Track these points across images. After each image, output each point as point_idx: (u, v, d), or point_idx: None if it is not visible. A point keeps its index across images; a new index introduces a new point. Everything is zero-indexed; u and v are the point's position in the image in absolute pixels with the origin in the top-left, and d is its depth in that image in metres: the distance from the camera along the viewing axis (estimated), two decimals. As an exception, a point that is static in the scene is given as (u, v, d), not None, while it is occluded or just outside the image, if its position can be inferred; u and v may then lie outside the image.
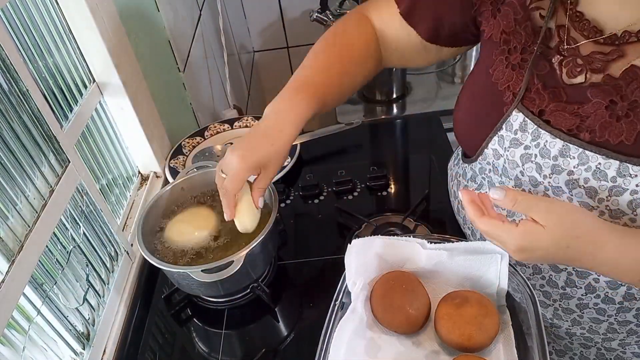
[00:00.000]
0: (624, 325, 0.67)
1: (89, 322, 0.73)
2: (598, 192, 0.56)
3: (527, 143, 0.60)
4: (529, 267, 0.69)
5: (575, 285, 0.65)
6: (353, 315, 0.62)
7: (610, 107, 0.55)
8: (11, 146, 0.60)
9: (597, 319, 0.67)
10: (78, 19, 0.79)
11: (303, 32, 2.01)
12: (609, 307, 0.65)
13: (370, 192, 0.97)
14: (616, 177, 0.55)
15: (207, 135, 1.13)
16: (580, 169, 0.57)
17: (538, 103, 0.59)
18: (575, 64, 0.57)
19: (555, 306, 0.69)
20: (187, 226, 0.78)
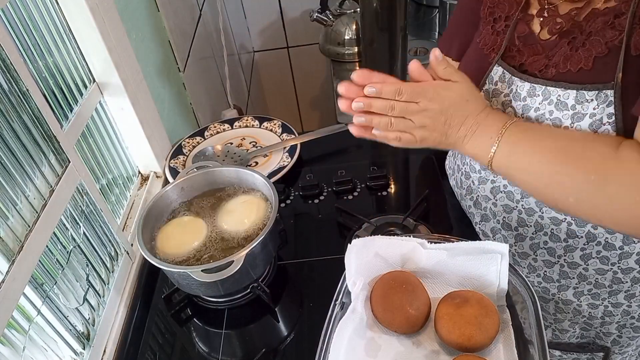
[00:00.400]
0: (627, 273, 0.70)
1: (89, 322, 0.73)
2: (562, 121, 0.62)
3: (505, 91, 0.68)
4: (530, 226, 0.72)
5: (576, 235, 0.69)
6: (353, 315, 0.62)
7: (571, 42, 0.62)
8: (11, 146, 0.60)
9: (601, 269, 0.71)
10: (78, 19, 0.79)
11: (303, 32, 2.01)
12: (612, 254, 0.69)
13: (370, 192, 0.97)
14: (575, 105, 0.61)
15: (207, 135, 1.13)
16: (544, 104, 0.64)
17: (518, 58, 0.67)
18: (554, 23, 0.64)
19: (561, 262, 0.72)
20: (177, 236, 0.78)
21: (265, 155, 1.06)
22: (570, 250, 0.71)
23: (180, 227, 0.80)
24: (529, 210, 0.71)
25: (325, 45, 1.64)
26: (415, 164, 1.06)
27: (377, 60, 1.33)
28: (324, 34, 1.64)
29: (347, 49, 1.60)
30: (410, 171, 1.05)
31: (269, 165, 1.03)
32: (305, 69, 2.14)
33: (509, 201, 0.73)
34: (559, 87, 0.62)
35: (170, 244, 0.77)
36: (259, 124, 1.15)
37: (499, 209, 0.73)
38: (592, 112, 0.60)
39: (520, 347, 0.59)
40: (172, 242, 0.77)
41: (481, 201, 0.78)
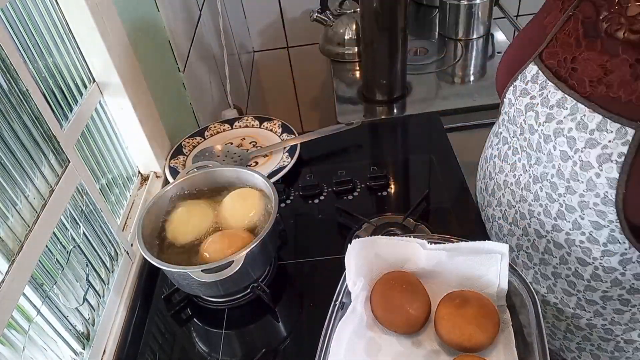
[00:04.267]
0: (591, 304, 0.71)
1: (89, 322, 0.73)
2: (577, 142, 0.60)
3: (533, 93, 0.65)
4: (520, 228, 0.73)
5: (551, 253, 0.70)
6: (353, 315, 0.62)
7: (634, 66, 0.55)
8: (11, 146, 0.60)
9: (568, 292, 0.72)
10: (78, 19, 0.79)
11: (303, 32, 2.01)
12: (578, 282, 0.69)
13: (370, 192, 0.97)
14: (594, 131, 0.58)
15: (207, 135, 1.13)
16: (568, 118, 0.61)
17: (574, 49, 0.61)
18: (617, 22, 0.58)
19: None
20: (187, 220, 0.79)
21: (265, 155, 1.06)
22: (544, 264, 0.73)
23: (187, 211, 0.81)
24: (522, 215, 0.72)
25: (325, 45, 1.64)
26: (415, 164, 1.06)
27: (377, 60, 1.33)
28: (324, 34, 1.64)
29: (347, 49, 1.60)
30: (410, 171, 1.05)
31: (269, 165, 1.03)
32: (305, 69, 2.14)
33: (510, 198, 0.73)
34: (589, 107, 0.58)
35: (180, 229, 0.78)
36: (259, 124, 1.15)
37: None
38: (606, 144, 0.57)
39: (520, 347, 0.59)
40: (182, 227, 0.78)
41: (496, 189, 0.78)
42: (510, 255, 0.77)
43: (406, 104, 1.40)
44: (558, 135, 0.62)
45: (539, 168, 0.67)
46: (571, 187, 0.62)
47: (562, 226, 0.67)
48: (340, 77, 1.56)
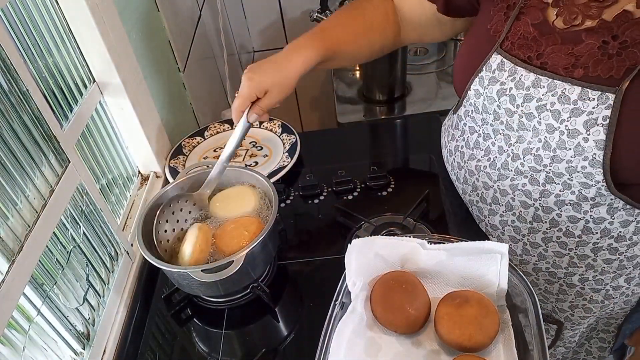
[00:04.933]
0: (583, 259, 0.74)
1: (89, 322, 0.73)
2: (561, 114, 0.64)
3: (503, 80, 0.69)
4: (502, 205, 0.76)
5: (540, 220, 0.73)
6: (353, 315, 0.62)
7: (602, 47, 0.61)
8: (11, 146, 0.60)
9: (559, 253, 0.75)
10: (78, 19, 0.79)
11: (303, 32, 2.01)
12: (570, 241, 0.72)
13: (370, 192, 0.97)
14: (577, 101, 0.62)
15: (207, 135, 1.13)
16: (548, 95, 0.65)
17: (535, 48, 0.66)
18: (570, 12, 0.64)
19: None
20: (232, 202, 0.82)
21: (265, 155, 1.06)
22: (533, 232, 0.75)
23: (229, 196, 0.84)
24: (503, 192, 0.75)
25: (325, 45, 1.64)
26: (415, 164, 1.06)
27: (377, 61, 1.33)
28: (324, 34, 1.64)
29: (347, 49, 1.60)
30: (410, 171, 1.05)
31: (269, 165, 1.03)
32: (305, 69, 2.14)
33: (487, 180, 0.76)
34: (567, 82, 0.63)
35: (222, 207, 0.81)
36: (258, 123, 1.15)
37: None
38: (591, 110, 0.61)
39: (520, 347, 0.59)
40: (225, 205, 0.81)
41: (467, 176, 0.81)
42: (496, 233, 0.81)
43: (406, 104, 1.40)
44: (541, 110, 0.65)
45: (521, 145, 0.70)
46: (557, 156, 0.66)
47: (551, 190, 0.70)
48: (340, 77, 1.56)
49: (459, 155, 0.82)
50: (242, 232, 0.75)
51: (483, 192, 0.78)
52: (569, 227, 0.72)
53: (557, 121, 0.64)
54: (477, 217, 0.85)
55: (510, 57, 0.68)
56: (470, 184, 0.81)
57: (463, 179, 0.82)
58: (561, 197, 0.69)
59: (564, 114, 0.64)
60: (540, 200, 0.71)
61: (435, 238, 0.68)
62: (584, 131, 0.62)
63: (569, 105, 0.63)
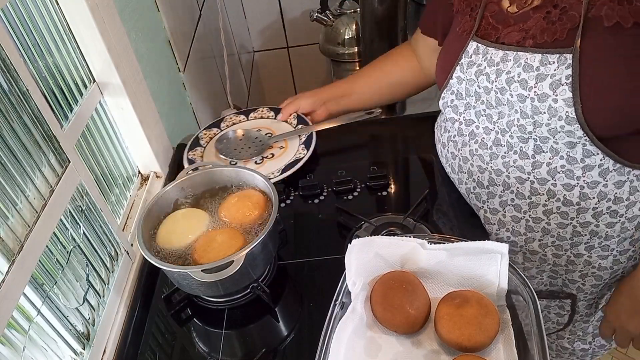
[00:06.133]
0: (585, 226, 0.77)
1: (89, 322, 0.73)
2: (528, 82, 0.70)
3: (479, 62, 0.76)
4: (499, 185, 0.80)
5: (538, 192, 0.77)
6: (353, 315, 0.62)
7: (546, 17, 0.69)
8: (11, 146, 0.60)
9: (562, 224, 0.78)
10: (78, 19, 0.79)
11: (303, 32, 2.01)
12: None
13: (370, 192, 0.97)
14: (539, 67, 0.69)
15: (223, 126, 1.14)
16: (514, 67, 0.71)
17: (494, 34, 0.75)
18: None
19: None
20: (178, 229, 0.78)
21: (281, 147, 1.07)
22: (534, 207, 0.78)
23: (181, 218, 0.80)
24: (498, 171, 0.79)
25: (325, 45, 1.64)
26: (415, 164, 1.06)
27: (377, 60, 1.33)
28: (324, 34, 1.64)
29: (347, 49, 1.60)
30: (410, 171, 1.05)
31: (285, 157, 1.04)
32: (305, 69, 2.14)
33: (481, 163, 0.81)
34: (528, 51, 0.70)
35: (171, 237, 0.77)
36: (274, 115, 1.16)
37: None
38: (553, 72, 0.67)
39: (520, 347, 0.59)
40: (173, 235, 0.77)
41: (462, 164, 0.86)
42: (496, 218, 0.84)
43: (406, 104, 1.40)
44: (510, 82, 0.72)
45: (504, 120, 0.75)
46: (537, 121, 0.71)
47: (541, 160, 0.74)
48: (340, 77, 1.56)
49: (452, 145, 0.87)
50: (246, 203, 0.79)
51: (478, 176, 0.83)
52: (566, 196, 0.75)
53: (526, 89, 0.70)
54: (476, 206, 0.87)
55: (482, 41, 0.76)
56: (465, 171, 0.85)
57: (458, 167, 0.86)
58: (552, 164, 0.73)
59: (530, 81, 0.69)
60: (534, 172, 0.75)
61: (435, 238, 0.68)
62: (552, 93, 0.68)
63: (533, 73, 0.69)
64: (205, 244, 0.74)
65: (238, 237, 0.75)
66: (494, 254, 0.63)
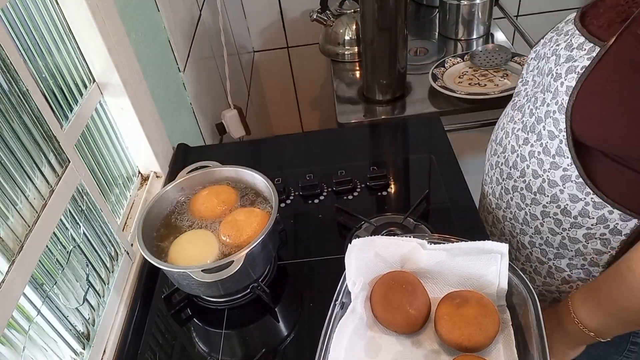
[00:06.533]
0: (533, 219, 0.79)
1: (89, 322, 0.73)
2: (560, 58, 0.70)
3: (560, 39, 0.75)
4: (518, 170, 0.80)
5: (517, 167, 0.78)
6: (353, 315, 0.62)
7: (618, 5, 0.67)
8: (11, 146, 0.60)
9: (519, 205, 0.80)
10: (78, 19, 0.79)
11: (303, 32, 2.01)
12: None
13: (370, 192, 0.97)
14: (574, 49, 0.68)
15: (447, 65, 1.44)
16: (562, 39, 0.72)
17: None
18: None
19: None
20: (190, 250, 0.75)
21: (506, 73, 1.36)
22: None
23: (192, 241, 0.77)
24: (523, 158, 0.78)
25: (325, 45, 1.64)
26: (415, 164, 1.06)
27: (377, 60, 1.33)
28: (324, 34, 1.64)
29: (347, 49, 1.60)
30: (410, 171, 1.05)
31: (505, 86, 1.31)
32: (305, 69, 2.14)
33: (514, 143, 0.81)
34: (582, 32, 0.68)
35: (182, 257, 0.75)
36: None
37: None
38: (577, 58, 0.66)
39: (520, 347, 0.59)
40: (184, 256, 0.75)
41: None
42: (507, 197, 0.84)
43: (406, 104, 1.40)
44: (553, 53, 0.72)
45: (538, 94, 0.74)
46: (545, 98, 0.71)
47: (530, 139, 0.75)
48: (340, 77, 1.56)
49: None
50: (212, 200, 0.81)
51: (506, 155, 0.83)
52: (530, 182, 0.77)
53: (555, 64, 0.70)
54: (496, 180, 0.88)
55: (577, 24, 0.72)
56: (500, 152, 0.85)
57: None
58: (533, 146, 0.75)
59: (562, 59, 0.69)
60: (520, 149, 0.77)
61: (435, 238, 0.68)
62: (564, 76, 0.67)
63: (568, 52, 0.68)
64: None
65: None
66: (494, 254, 0.63)
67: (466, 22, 1.60)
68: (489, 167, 0.89)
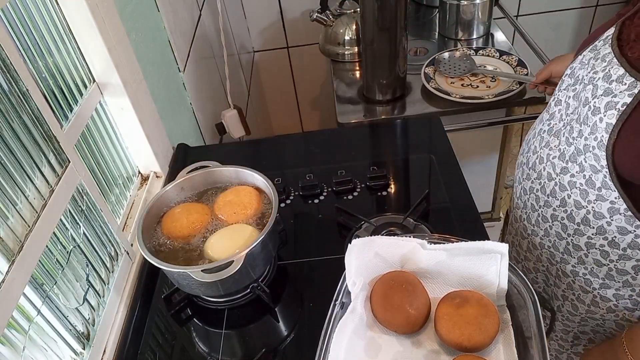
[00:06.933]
0: (576, 250, 0.77)
1: (89, 322, 0.73)
2: (598, 89, 0.67)
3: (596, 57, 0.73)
4: (536, 171, 0.80)
5: (556, 196, 0.77)
6: (353, 315, 0.62)
7: None
8: (11, 146, 0.60)
9: (559, 235, 0.78)
10: (78, 19, 0.79)
11: (303, 32, 2.01)
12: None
13: (370, 192, 0.97)
14: (614, 81, 0.65)
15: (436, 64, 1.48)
16: (599, 68, 0.69)
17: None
18: None
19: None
20: (229, 243, 0.75)
21: (492, 79, 1.38)
22: (547, 205, 0.79)
23: (232, 232, 0.77)
24: (541, 159, 0.80)
25: (325, 45, 1.64)
26: (415, 164, 1.05)
27: (377, 61, 1.33)
28: (324, 34, 1.64)
29: (347, 49, 1.60)
30: (410, 171, 1.05)
31: (497, 88, 1.33)
32: (305, 69, 2.14)
33: (537, 144, 0.82)
34: (619, 60, 0.66)
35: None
36: (499, 55, 1.46)
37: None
38: (617, 93, 0.63)
39: (520, 347, 0.59)
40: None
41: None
42: (526, 197, 0.84)
43: (406, 104, 1.40)
44: (590, 82, 0.69)
45: (569, 116, 0.73)
46: (582, 130, 0.69)
47: (570, 168, 0.73)
48: (340, 77, 1.56)
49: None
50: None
51: (530, 156, 0.83)
52: (572, 212, 0.74)
53: (592, 96, 0.67)
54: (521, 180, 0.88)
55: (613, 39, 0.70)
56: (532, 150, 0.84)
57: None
58: (575, 177, 0.71)
59: (600, 90, 0.66)
60: (559, 176, 0.74)
61: (435, 238, 0.68)
62: (603, 111, 0.64)
63: (606, 84, 0.66)
64: None
65: None
66: (494, 254, 0.63)
67: (466, 22, 1.60)
68: (522, 191, 0.86)
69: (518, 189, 0.88)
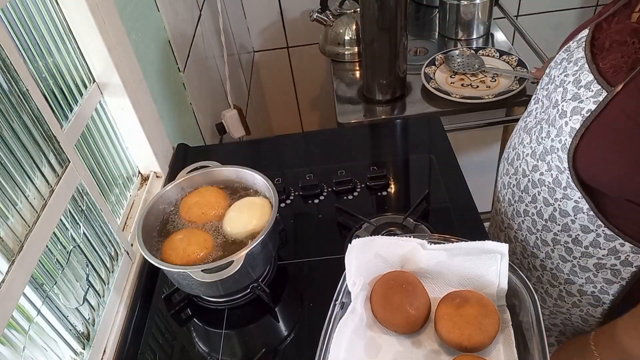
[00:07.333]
0: (544, 245, 0.78)
1: (89, 322, 0.73)
2: (567, 93, 0.68)
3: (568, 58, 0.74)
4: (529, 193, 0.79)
5: (528, 192, 0.78)
6: (353, 315, 0.62)
7: (630, 46, 0.65)
8: (11, 146, 0.60)
9: (530, 229, 0.80)
10: (78, 19, 0.79)
11: (303, 32, 2.01)
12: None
13: (370, 192, 0.97)
14: (582, 87, 0.66)
15: (437, 63, 1.48)
16: (570, 72, 0.70)
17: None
18: None
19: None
20: (244, 216, 0.77)
21: (493, 78, 1.37)
22: (520, 202, 0.81)
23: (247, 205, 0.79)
24: (534, 183, 0.78)
25: (325, 45, 1.64)
26: (415, 164, 1.06)
27: (377, 60, 1.33)
28: (324, 34, 1.64)
29: (347, 49, 1.60)
30: (410, 171, 1.05)
31: (498, 88, 1.33)
32: (305, 69, 2.14)
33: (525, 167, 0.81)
34: (592, 67, 0.67)
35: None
36: (499, 55, 1.45)
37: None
38: (584, 99, 0.65)
39: (520, 347, 0.59)
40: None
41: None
42: (520, 218, 0.83)
43: (406, 104, 1.40)
44: (561, 84, 0.70)
45: (545, 116, 0.74)
46: (550, 131, 0.71)
47: (540, 167, 0.74)
48: (340, 77, 1.56)
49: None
50: None
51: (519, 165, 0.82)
52: (541, 208, 0.76)
53: (562, 99, 0.68)
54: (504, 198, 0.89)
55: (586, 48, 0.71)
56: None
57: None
58: (544, 175, 0.74)
59: (569, 94, 0.67)
60: (531, 174, 0.76)
61: (435, 238, 0.68)
62: (569, 115, 0.66)
63: (574, 89, 0.67)
64: None
65: None
66: (494, 254, 0.63)
67: (466, 22, 1.60)
68: (501, 185, 0.88)
69: (499, 183, 0.90)
